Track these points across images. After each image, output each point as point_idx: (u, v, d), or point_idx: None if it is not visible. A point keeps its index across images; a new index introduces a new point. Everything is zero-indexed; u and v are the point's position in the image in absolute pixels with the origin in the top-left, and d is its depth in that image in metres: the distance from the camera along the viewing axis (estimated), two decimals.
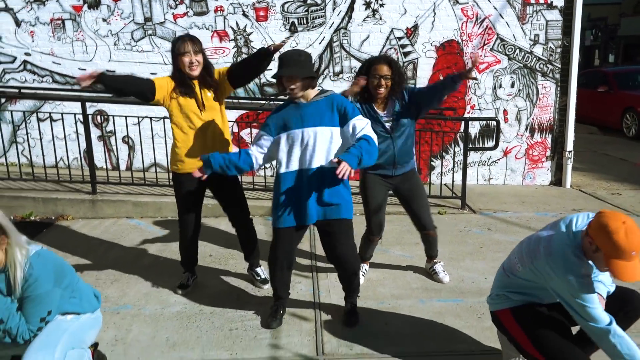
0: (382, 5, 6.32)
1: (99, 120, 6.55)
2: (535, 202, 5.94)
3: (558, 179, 6.72)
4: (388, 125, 3.39)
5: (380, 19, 6.36)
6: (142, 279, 3.88)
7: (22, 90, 6.37)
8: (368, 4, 6.32)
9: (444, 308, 3.42)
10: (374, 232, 3.66)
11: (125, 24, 6.35)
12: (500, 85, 6.54)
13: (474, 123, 6.52)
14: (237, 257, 4.28)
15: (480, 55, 6.39)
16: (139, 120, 5.71)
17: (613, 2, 25.05)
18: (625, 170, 7.61)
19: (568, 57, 6.43)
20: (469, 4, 6.32)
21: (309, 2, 6.31)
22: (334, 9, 6.32)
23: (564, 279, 2.19)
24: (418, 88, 3.53)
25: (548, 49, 6.46)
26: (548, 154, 6.72)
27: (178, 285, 3.66)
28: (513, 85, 6.54)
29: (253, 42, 6.35)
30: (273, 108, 4.37)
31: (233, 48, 6.39)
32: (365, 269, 3.88)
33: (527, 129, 6.66)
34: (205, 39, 6.33)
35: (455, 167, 6.33)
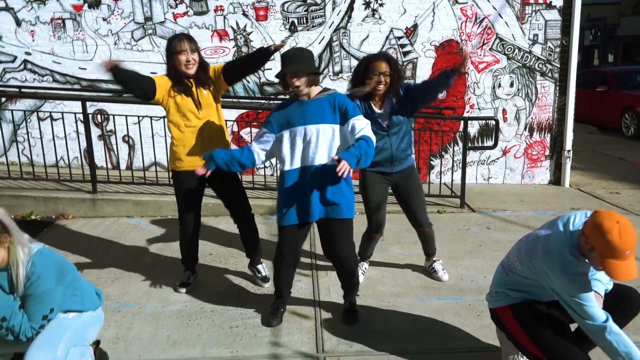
0: (381, 5, 6.33)
1: (99, 120, 6.57)
2: (534, 201, 5.96)
3: (557, 178, 6.75)
4: (385, 123, 3.40)
5: (380, 19, 6.37)
6: (142, 278, 3.89)
7: (22, 90, 6.41)
8: (367, 4, 6.34)
9: (443, 306, 3.44)
10: (375, 229, 3.68)
11: (126, 24, 6.36)
12: (500, 85, 6.55)
13: (473, 122, 6.54)
14: (237, 255, 4.30)
15: (479, 55, 6.42)
16: (139, 120, 5.73)
17: (612, 2, 25.06)
18: (624, 170, 7.63)
19: (567, 56, 6.46)
20: (468, 4, 6.34)
21: (309, 1, 6.32)
22: (334, 9, 6.34)
23: (561, 278, 2.21)
24: (413, 84, 3.53)
25: (547, 49, 6.48)
26: (547, 153, 6.74)
27: (179, 284, 3.68)
28: (512, 85, 6.56)
29: (253, 41, 6.36)
30: (273, 107, 4.38)
31: (233, 47, 6.40)
32: (365, 268, 3.89)
33: (526, 129, 6.68)
34: (205, 39, 6.35)
35: (455, 166, 6.34)
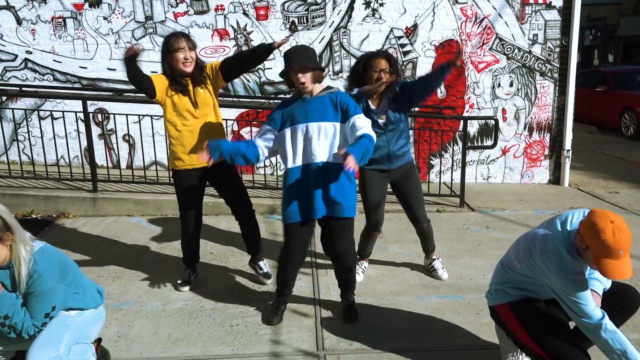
0: (381, 5, 6.35)
1: (100, 119, 6.58)
2: (534, 200, 5.98)
3: (556, 178, 6.77)
4: (382, 121, 3.42)
5: (380, 19, 6.39)
6: (143, 276, 3.91)
7: (23, 89, 6.42)
8: (368, 4, 6.35)
9: (443, 304, 3.45)
10: (373, 228, 3.70)
11: (126, 23, 6.37)
12: (499, 85, 6.57)
13: (473, 122, 6.56)
14: (237, 254, 4.31)
15: (479, 55, 6.43)
16: (140, 119, 5.74)
17: (612, 2, 25.07)
18: (623, 169, 7.65)
19: (566, 56, 6.48)
20: (468, 4, 6.35)
21: (309, 1, 6.33)
22: (334, 8, 6.35)
23: (558, 276, 2.23)
24: (409, 81, 3.57)
25: (547, 49, 6.49)
26: (546, 153, 6.76)
27: (179, 282, 3.69)
28: (512, 85, 6.58)
29: (253, 41, 6.37)
30: (273, 106, 4.40)
31: (233, 47, 6.41)
32: (365, 266, 3.90)
33: (525, 128, 6.70)
34: (206, 38, 6.37)
35: (454, 165, 6.36)
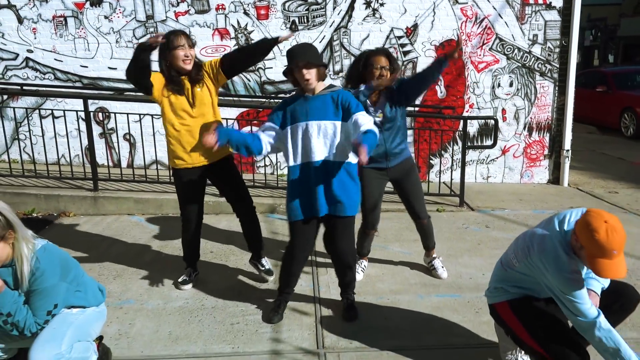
0: (382, 5, 6.36)
1: (101, 118, 6.59)
2: (533, 200, 5.99)
3: (556, 178, 6.78)
4: (379, 119, 3.43)
5: (381, 18, 6.40)
6: (144, 275, 3.92)
7: (24, 87, 6.43)
8: (368, 3, 6.36)
9: (442, 303, 3.47)
10: (370, 226, 3.72)
11: (127, 22, 6.39)
12: (499, 85, 6.58)
13: (473, 122, 6.57)
14: (237, 253, 4.33)
15: (479, 55, 6.44)
16: (141, 118, 5.75)
17: (613, 2, 25.08)
18: (623, 169, 7.67)
19: (566, 57, 6.49)
20: (469, 4, 6.37)
21: (310, 0, 6.35)
22: (335, 8, 6.37)
23: (555, 275, 2.24)
24: (406, 78, 3.58)
25: (546, 49, 6.51)
26: (546, 153, 6.78)
27: (180, 281, 3.70)
28: (511, 85, 6.59)
29: (254, 40, 6.38)
30: (273, 106, 4.41)
31: (234, 46, 6.42)
32: (365, 265, 3.92)
33: (525, 128, 6.71)
34: (207, 37, 6.38)
35: (454, 165, 6.37)
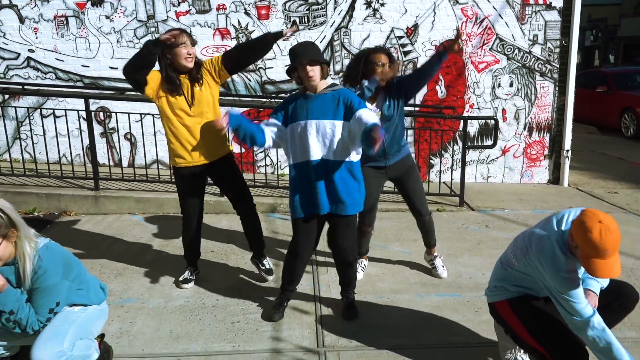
0: (382, 5, 6.37)
1: (102, 117, 6.61)
2: (533, 200, 6.00)
3: (556, 178, 6.79)
4: (377, 117, 3.44)
5: (381, 19, 6.41)
6: (145, 274, 3.94)
7: (25, 87, 6.45)
8: (369, 4, 6.38)
9: (442, 302, 3.48)
10: (366, 222, 3.74)
11: (128, 22, 6.40)
12: (499, 85, 6.60)
13: (473, 122, 6.58)
14: (238, 252, 4.34)
15: (479, 55, 6.46)
16: (142, 117, 5.77)
17: (613, 2, 25.09)
18: (623, 170, 7.68)
19: (566, 57, 6.50)
20: (469, 4, 6.38)
21: (311, 1, 6.36)
22: (335, 8, 6.38)
23: (551, 274, 2.26)
24: (405, 75, 3.61)
25: (547, 49, 6.52)
26: (546, 153, 6.79)
27: (181, 280, 3.72)
28: (512, 85, 6.60)
29: None
30: (274, 106, 4.43)
31: None
32: (365, 264, 3.93)
33: (525, 128, 6.73)
34: (207, 37, 6.40)
35: (454, 165, 6.39)
